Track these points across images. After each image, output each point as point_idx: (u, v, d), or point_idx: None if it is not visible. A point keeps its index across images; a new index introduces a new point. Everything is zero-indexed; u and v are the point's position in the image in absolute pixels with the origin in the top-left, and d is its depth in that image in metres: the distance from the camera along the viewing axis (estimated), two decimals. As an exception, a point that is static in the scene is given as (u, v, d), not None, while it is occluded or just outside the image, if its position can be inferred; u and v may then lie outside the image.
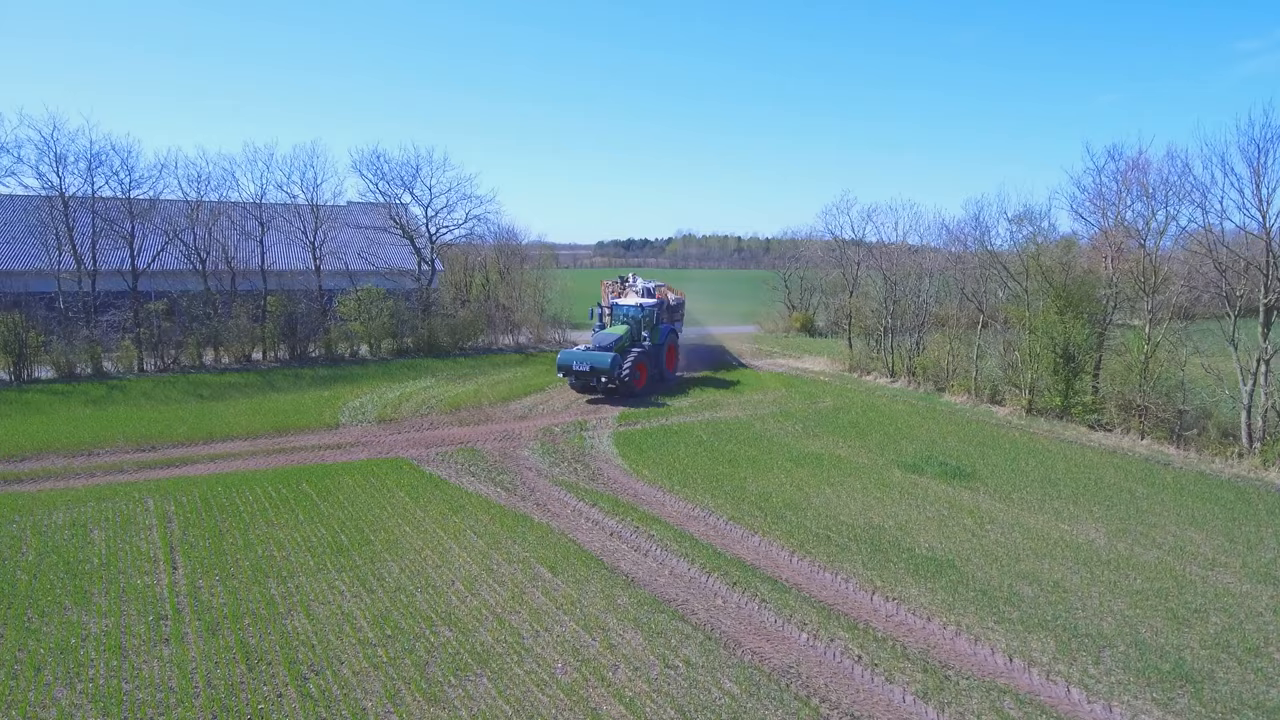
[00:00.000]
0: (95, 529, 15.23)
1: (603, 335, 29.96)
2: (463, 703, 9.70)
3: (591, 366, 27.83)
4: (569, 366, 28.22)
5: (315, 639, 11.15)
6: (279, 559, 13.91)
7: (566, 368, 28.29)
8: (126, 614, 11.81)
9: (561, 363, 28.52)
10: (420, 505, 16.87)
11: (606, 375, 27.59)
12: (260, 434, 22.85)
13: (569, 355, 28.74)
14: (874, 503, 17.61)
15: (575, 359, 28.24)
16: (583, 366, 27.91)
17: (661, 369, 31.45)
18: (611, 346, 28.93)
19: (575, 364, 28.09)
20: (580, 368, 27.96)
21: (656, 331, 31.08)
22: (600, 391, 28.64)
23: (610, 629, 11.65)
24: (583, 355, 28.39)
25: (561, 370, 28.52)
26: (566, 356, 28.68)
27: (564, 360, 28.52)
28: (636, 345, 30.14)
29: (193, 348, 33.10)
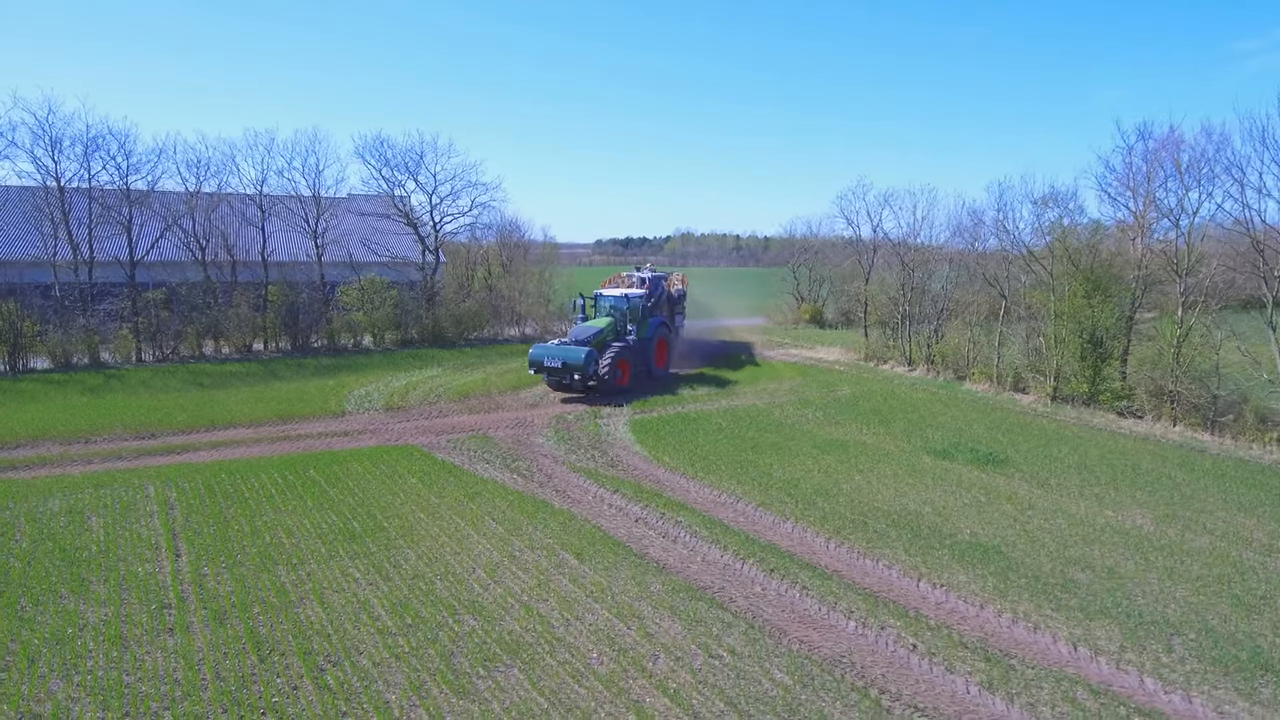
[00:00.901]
0: (93, 516, 14.44)
1: (581, 328, 27.10)
2: (493, 695, 8.94)
3: (564, 362, 25.22)
4: (540, 363, 25.72)
5: (331, 628, 10.38)
6: (288, 546, 13.14)
7: (538, 364, 25.77)
8: (127, 603, 11.03)
9: (533, 359, 25.96)
10: (434, 492, 16.10)
11: (580, 372, 24.96)
12: (264, 421, 22.05)
13: (541, 350, 26.12)
14: (906, 489, 16.87)
15: (547, 354, 25.75)
16: (554, 362, 25.41)
17: (649, 365, 28.40)
18: (589, 340, 26.12)
19: (547, 360, 25.59)
20: (552, 364, 25.45)
21: (645, 325, 28.39)
22: (578, 390, 25.96)
23: (645, 617, 10.90)
24: (555, 350, 25.82)
25: (533, 367, 25.94)
26: (539, 351, 26.08)
27: (535, 356, 25.96)
28: (620, 339, 27.47)
29: (192, 338, 32.24)
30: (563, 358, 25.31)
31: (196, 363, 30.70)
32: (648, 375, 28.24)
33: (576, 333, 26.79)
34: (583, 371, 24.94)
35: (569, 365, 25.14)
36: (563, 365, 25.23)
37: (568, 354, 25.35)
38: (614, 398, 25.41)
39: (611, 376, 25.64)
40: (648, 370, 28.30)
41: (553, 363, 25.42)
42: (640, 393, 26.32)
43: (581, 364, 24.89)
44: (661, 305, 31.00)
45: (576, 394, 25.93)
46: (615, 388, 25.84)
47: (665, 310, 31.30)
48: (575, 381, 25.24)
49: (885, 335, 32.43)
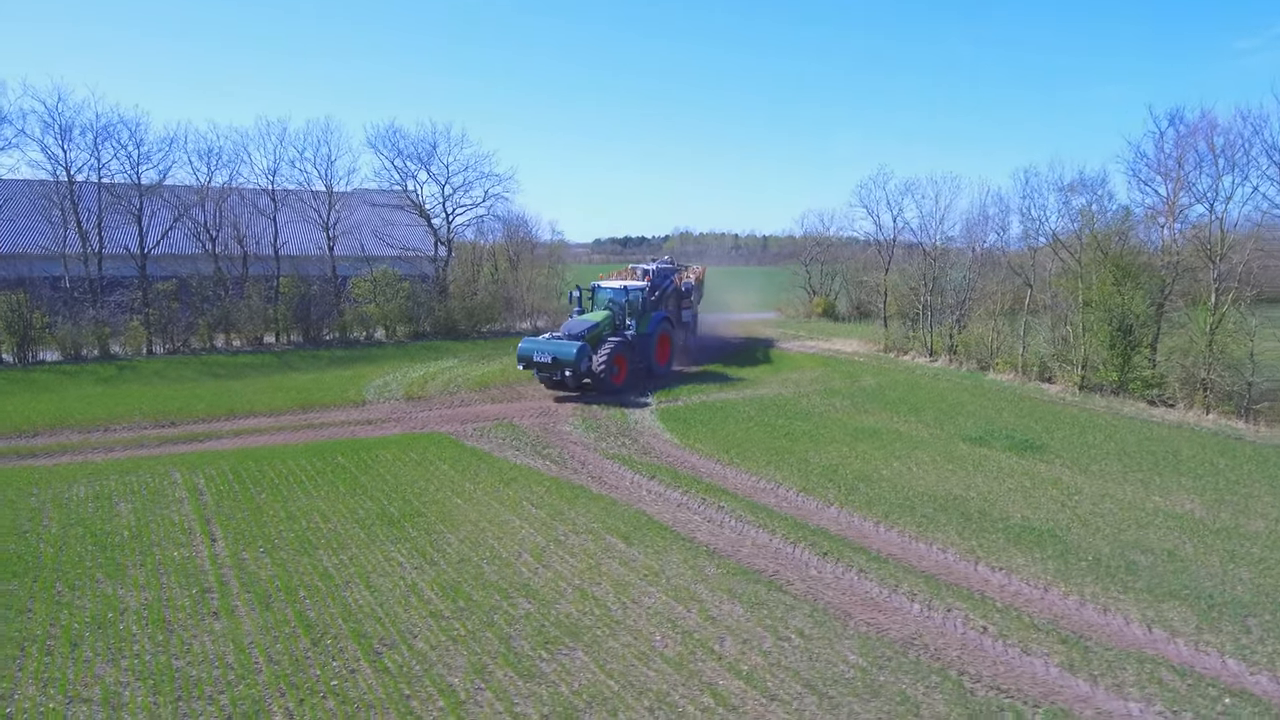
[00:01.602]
0: (121, 501, 14.04)
1: (575, 322, 25.11)
2: (560, 677, 8.58)
3: (554, 358, 23.21)
4: (529, 358, 23.69)
5: (381, 612, 10.01)
6: (325, 531, 12.76)
7: (527, 359, 23.75)
8: (166, 587, 10.65)
9: (521, 353, 23.93)
10: (467, 478, 15.73)
11: (572, 368, 23.06)
12: (284, 410, 21.65)
13: (531, 344, 24.08)
14: (948, 475, 16.54)
15: (536, 349, 23.71)
16: (543, 357, 23.38)
17: (650, 362, 26.50)
18: (582, 335, 24.13)
19: (536, 354, 23.58)
20: (541, 358, 23.44)
21: (646, 319, 26.48)
22: (570, 388, 24.18)
23: (704, 600, 10.54)
24: (545, 344, 23.79)
25: (522, 362, 23.93)
26: (528, 346, 24.03)
27: (524, 350, 23.93)
28: (618, 334, 25.55)
29: (204, 330, 31.84)
30: (553, 352, 23.40)
31: (208, 355, 30.30)
32: (647, 373, 26.52)
33: (569, 326, 24.90)
34: (574, 368, 23.10)
35: (559, 361, 23.26)
36: (553, 360, 23.33)
37: (558, 349, 23.47)
38: (609, 396, 23.79)
39: (607, 373, 23.93)
40: (648, 368, 26.54)
41: (542, 357, 23.51)
42: (624, 392, 24.37)
43: (573, 359, 23.02)
44: (667, 299, 29.36)
45: (570, 392, 24.29)
46: (611, 386, 24.14)
47: (672, 304, 29.68)
48: (567, 378, 23.62)
49: (905, 326, 32.09)
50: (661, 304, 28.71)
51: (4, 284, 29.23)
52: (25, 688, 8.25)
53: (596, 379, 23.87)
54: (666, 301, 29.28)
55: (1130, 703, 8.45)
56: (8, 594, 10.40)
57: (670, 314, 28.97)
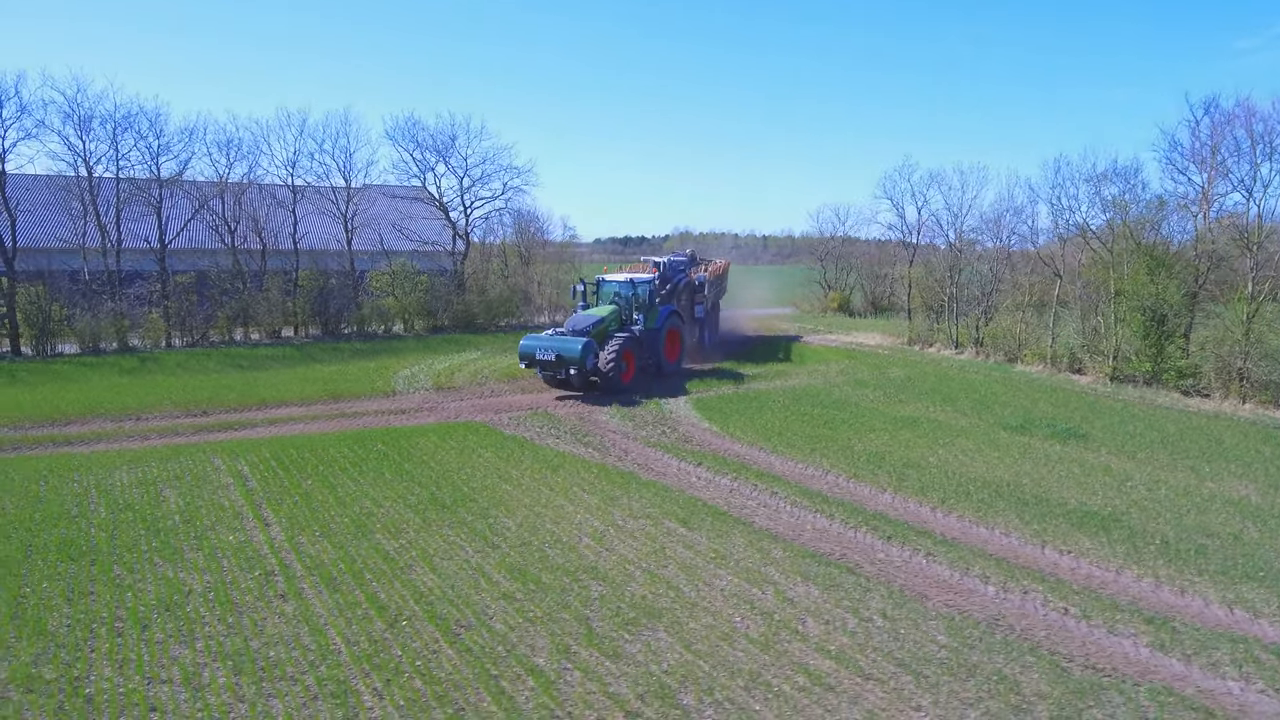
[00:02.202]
0: (165, 487, 13.83)
1: (580, 317, 23.55)
2: (646, 657, 8.39)
3: (558, 355, 21.72)
4: (532, 355, 22.22)
5: (451, 594, 9.81)
6: (379, 516, 12.55)
7: (529, 357, 22.29)
8: (227, 570, 10.44)
9: (524, 351, 22.47)
10: (512, 464, 15.53)
11: (577, 366, 21.57)
12: (315, 400, 21.45)
13: (533, 341, 22.53)
14: (995, 461, 16.37)
15: (539, 346, 22.20)
16: (547, 355, 21.88)
17: (659, 359, 24.90)
18: (587, 330, 22.59)
19: (539, 352, 22.05)
20: (544, 356, 21.92)
21: (653, 314, 24.74)
22: (575, 387, 22.72)
23: (777, 582, 10.35)
24: (548, 341, 22.28)
25: (524, 360, 22.50)
26: (530, 343, 22.49)
27: (526, 348, 22.44)
28: (624, 330, 23.83)
29: (223, 322, 31.62)
30: (556, 349, 21.88)
31: (227, 347, 30.07)
32: (657, 371, 24.97)
33: (574, 322, 23.34)
34: (579, 365, 21.53)
35: (564, 358, 21.74)
36: (556, 358, 21.80)
37: (562, 345, 21.93)
38: (615, 396, 22.17)
39: (615, 371, 22.30)
40: (657, 365, 24.96)
41: (545, 355, 21.96)
42: (630, 391, 22.72)
43: (578, 357, 21.47)
44: (678, 293, 27.45)
45: (574, 391, 22.78)
46: (619, 384, 22.51)
47: (684, 299, 27.88)
48: (572, 377, 22.07)
49: (929, 319, 31.91)
50: (672, 298, 26.91)
51: (23, 277, 29.00)
52: (101, 669, 8.05)
53: (604, 377, 22.44)
54: (678, 296, 27.48)
55: (1229, 681, 8.27)
56: (69, 577, 10.19)
57: (681, 309, 27.31)
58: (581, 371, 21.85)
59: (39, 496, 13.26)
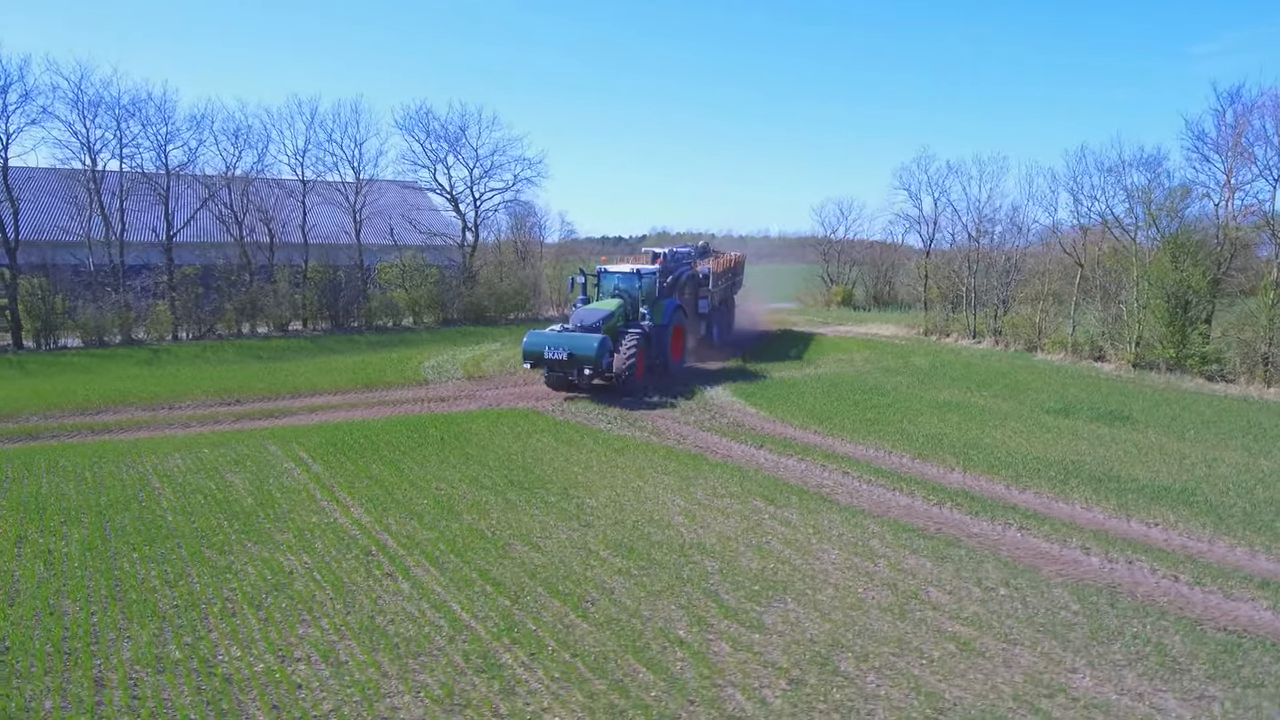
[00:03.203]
0: (228, 472, 13.42)
1: (586, 312, 21.50)
2: (786, 627, 8.24)
3: (570, 353, 19.65)
4: (539, 354, 20.04)
5: (564, 569, 9.59)
6: (458, 497, 12.27)
7: (536, 356, 20.11)
8: (322, 551, 10.12)
9: (529, 349, 20.25)
10: (574, 448, 15.30)
11: (592, 365, 19.49)
12: (348, 389, 21.03)
13: (540, 339, 20.35)
14: (1051, 442, 16.45)
15: (548, 344, 20.01)
16: (557, 353, 19.79)
17: (666, 357, 22.87)
18: (597, 326, 20.55)
19: (549, 350, 19.90)
20: (555, 355, 19.82)
21: (660, 309, 22.81)
22: (581, 389, 20.82)
23: (885, 555, 10.26)
24: (559, 338, 20.18)
25: (529, 360, 20.30)
26: (536, 340, 20.31)
27: (533, 346, 20.22)
28: (636, 325, 21.90)
29: (231, 315, 30.95)
30: (569, 347, 19.77)
31: (236, 340, 29.42)
32: (663, 368, 22.90)
33: (580, 317, 21.22)
34: (595, 364, 19.48)
35: (577, 357, 19.63)
36: (569, 357, 19.68)
37: (575, 342, 19.86)
38: (624, 398, 20.21)
39: (632, 371, 20.44)
40: (664, 364, 22.91)
41: (555, 354, 19.85)
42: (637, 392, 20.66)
43: (594, 355, 19.42)
44: (681, 287, 25.33)
45: (581, 393, 20.86)
46: (635, 385, 20.60)
47: (688, 293, 25.95)
48: (583, 378, 20.06)
49: (946, 309, 32.12)
50: (674, 292, 24.78)
51: (26, 269, 28.14)
52: (227, 649, 7.72)
53: (619, 377, 20.46)
54: (681, 289, 25.34)
55: (1361, 642, 8.32)
56: (158, 559, 9.80)
57: (685, 304, 25.21)
58: (597, 371, 19.79)
59: (97, 482, 12.79)
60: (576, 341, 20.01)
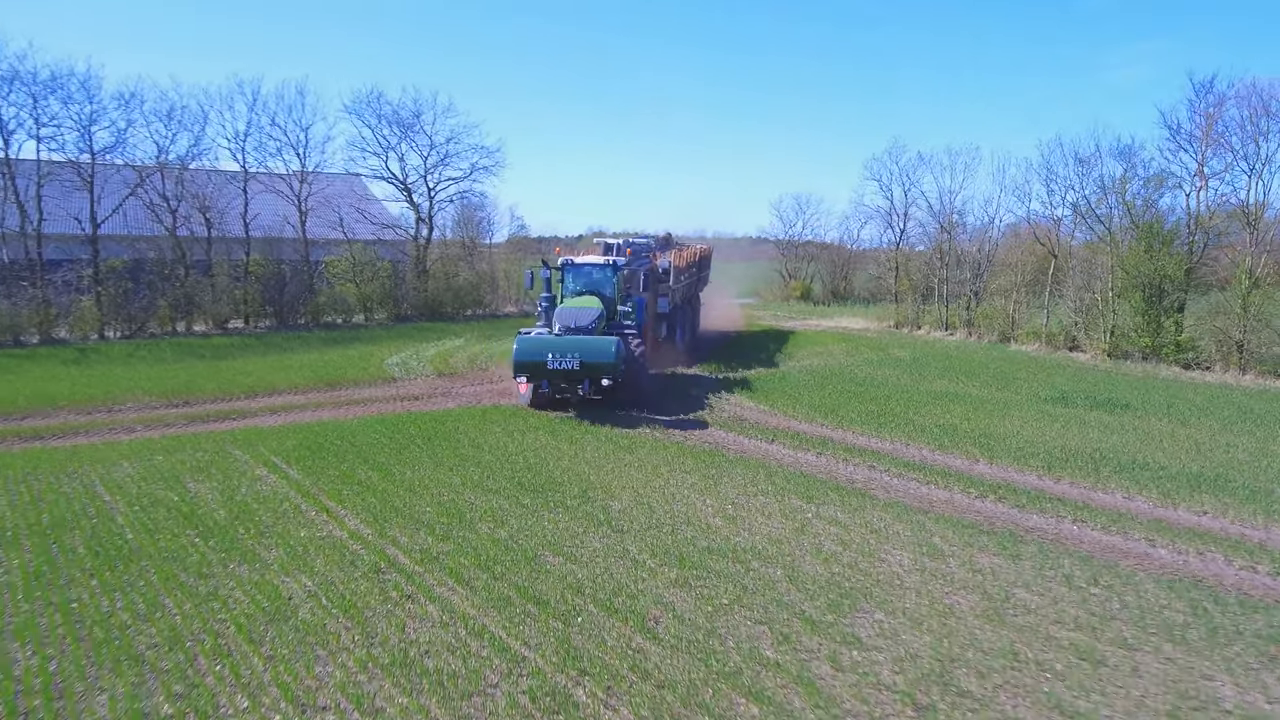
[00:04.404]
0: (189, 480, 11.73)
1: (571, 311, 17.62)
2: (883, 641, 7.26)
3: (583, 361, 16.08)
4: (539, 364, 16.14)
5: (611, 583, 8.40)
6: (466, 504, 10.92)
7: (534, 366, 16.19)
8: (323, 570, 8.67)
9: (525, 358, 16.22)
10: (577, 447, 14.07)
11: (610, 374, 16.19)
12: (310, 388, 19.25)
13: (536, 345, 16.44)
14: (1063, 430, 16.01)
15: (551, 350, 16.17)
16: (565, 363, 16.06)
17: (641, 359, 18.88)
18: (592, 327, 17.13)
19: (553, 359, 16.06)
20: (561, 364, 16.06)
21: (634, 306, 19.60)
22: (569, 401, 17.16)
23: (953, 554, 9.41)
24: (563, 343, 16.32)
25: (526, 372, 16.33)
26: (532, 347, 16.38)
27: (529, 354, 16.25)
28: (620, 326, 18.52)
29: (165, 312, 28.44)
30: (581, 354, 16.13)
31: (170, 339, 27.02)
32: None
33: (568, 317, 17.31)
34: (614, 372, 16.25)
35: (592, 365, 16.11)
36: (581, 366, 16.08)
37: (587, 348, 16.26)
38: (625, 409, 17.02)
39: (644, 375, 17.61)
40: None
41: (562, 363, 16.07)
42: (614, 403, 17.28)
43: (613, 362, 16.18)
44: (636, 283, 20.54)
45: (566, 406, 17.15)
46: (641, 392, 17.44)
47: (650, 291, 21.09)
48: (589, 389, 16.38)
49: (917, 301, 31.95)
50: (632, 288, 20.60)
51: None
52: (233, 698, 6.29)
53: (635, 385, 17.13)
54: (638, 285, 20.52)
55: None
56: (125, 587, 8.21)
57: (647, 302, 20.93)
58: (615, 379, 16.37)
59: (34, 497, 10.96)
60: (588, 346, 16.31)
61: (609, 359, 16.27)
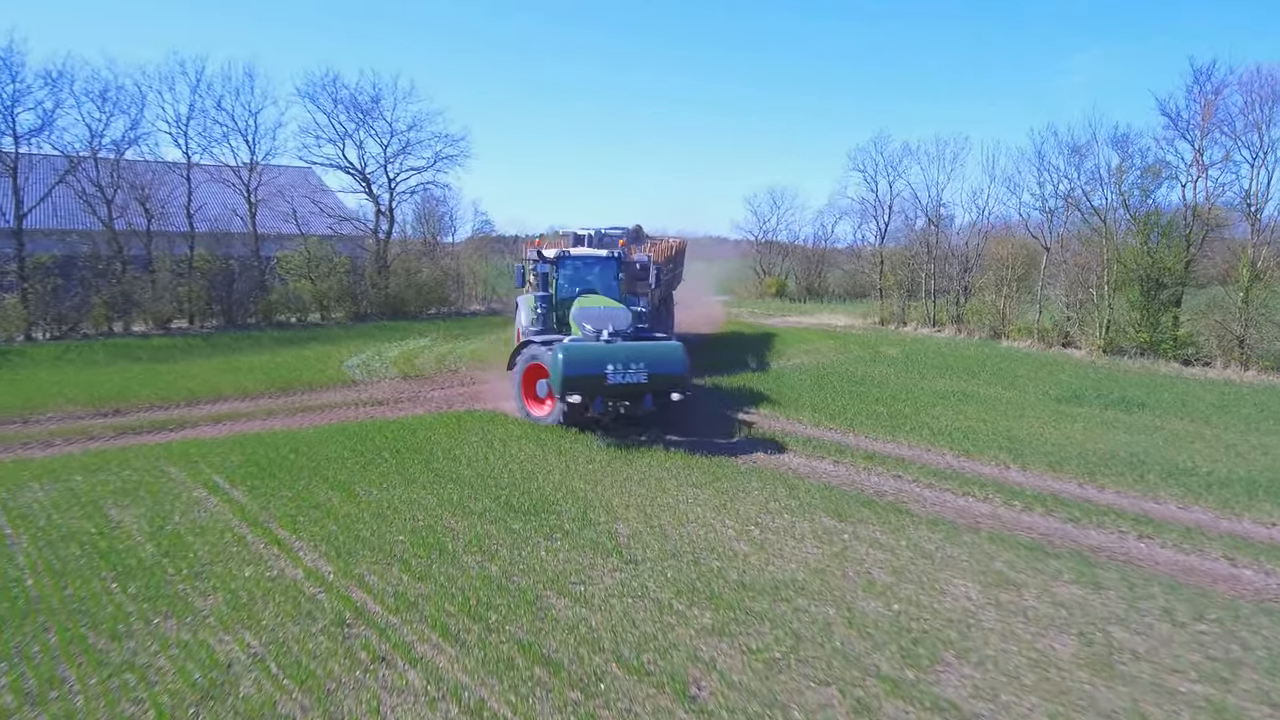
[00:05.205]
0: (111, 506, 9.88)
1: (600, 311, 14.79)
2: (983, 704, 5.87)
3: (651, 372, 13.35)
4: (598, 378, 13.10)
5: (633, 633, 6.87)
6: (446, 531, 9.27)
7: (592, 382, 13.11)
8: (275, 625, 6.98)
9: (577, 372, 13.02)
10: (567, 459, 12.47)
11: (680, 385, 13.72)
12: (260, 393, 17.32)
13: (588, 355, 13.22)
14: (1084, 433, 14.91)
15: (612, 360, 13.16)
16: (631, 375, 13.22)
17: None
18: (632, 331, 14.61)
19: (615, 372, 13.13)
20: (625, 377, 13.20)
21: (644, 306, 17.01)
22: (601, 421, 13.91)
23: (1025, 583, 8.07)
24: (622, 351, 13.34)
25: (579, 389, 13.09)
26: (584, 357, 13.16)
27: (583, 365, 13.07)
28: (640, 326, 15.69)
29: (100, 311, 26.06)
30: (648, 363, 13.38)
31: (106, 340, 24.68)
32: None
33: (600, 319, 14.37)
34: (683, 384, 13.81)
35: (662, 376, 13.44)
36: (649, 378, 13.34)
37: (654, 356, 13.57)
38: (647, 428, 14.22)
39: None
40: None
41: (627, 375, 13.19)
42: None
43: (683, 372, 13.77)
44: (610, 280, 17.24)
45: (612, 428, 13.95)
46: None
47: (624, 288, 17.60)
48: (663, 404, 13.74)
49: (903, 297, 30.94)
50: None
51: None
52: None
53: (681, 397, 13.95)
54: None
55: None
56: (14, 654, 6.44)
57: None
58: (683, 397, 13.83)
59: (-86, 531, 9.03)
60: (655, 355, 13.59)
61: (680, 369, 13.67)
